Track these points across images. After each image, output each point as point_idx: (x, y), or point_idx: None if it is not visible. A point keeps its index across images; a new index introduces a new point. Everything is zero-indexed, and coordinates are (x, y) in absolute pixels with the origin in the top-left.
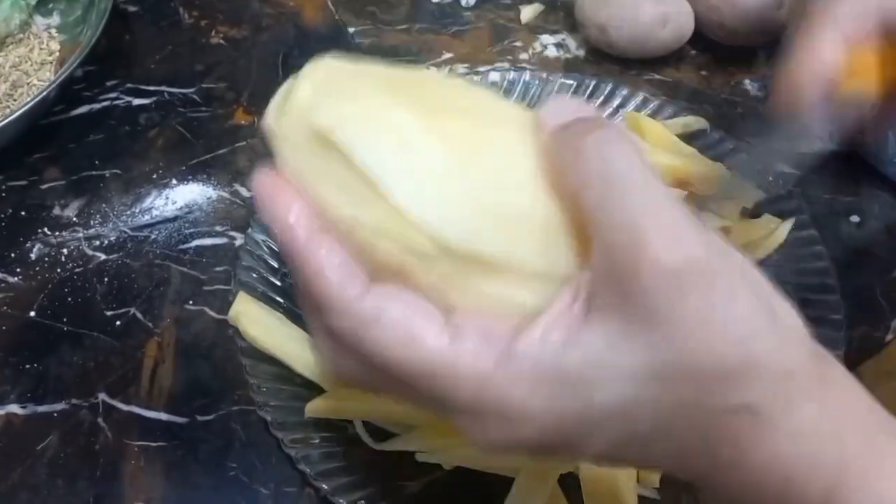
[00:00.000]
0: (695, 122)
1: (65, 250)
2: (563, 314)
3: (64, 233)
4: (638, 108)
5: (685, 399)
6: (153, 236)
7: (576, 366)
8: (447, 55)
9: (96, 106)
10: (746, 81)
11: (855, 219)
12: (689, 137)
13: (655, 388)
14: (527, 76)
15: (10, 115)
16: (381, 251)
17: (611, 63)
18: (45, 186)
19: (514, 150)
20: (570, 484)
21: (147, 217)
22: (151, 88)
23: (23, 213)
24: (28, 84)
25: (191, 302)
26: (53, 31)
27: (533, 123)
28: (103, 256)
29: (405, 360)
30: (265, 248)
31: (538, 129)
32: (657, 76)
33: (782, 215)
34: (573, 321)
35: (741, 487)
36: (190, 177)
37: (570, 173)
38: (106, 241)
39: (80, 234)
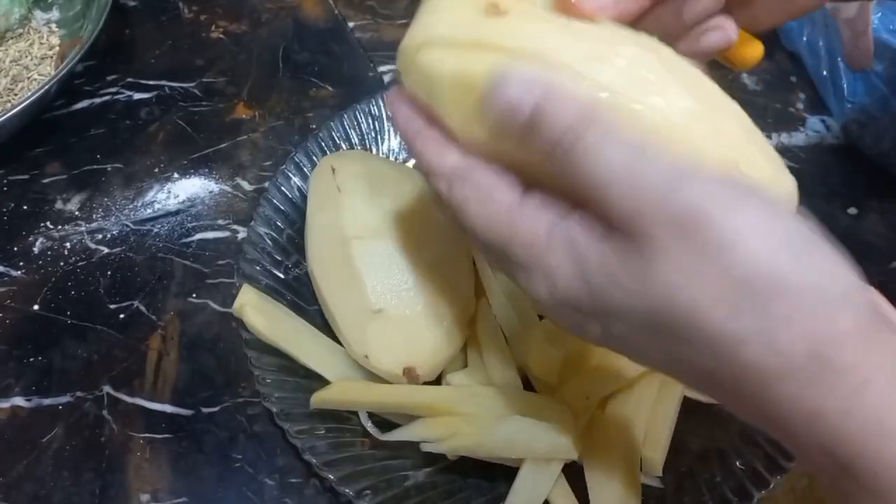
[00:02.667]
0: None
1: (67, 244)
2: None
3: (66, 226)
4: None
5: (698, 318)
6: (156, 230)
7: (595, 262)
8: None
9: (97, 100)
10: (744, 75)
11: (853, 210)
12: None
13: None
14: None
15: (11, 110)
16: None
17: None
18: (46, 180)
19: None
20: (574, 473)
21: (149, 211)
22: (152, 83)
23: (25, 207)
24: (28, 79)
25: (194, 295)
26: (53, 25)
27: None
28: (106, 250)
29: (479, 215)
30: (268, 241)
31: None
32: None
33: None
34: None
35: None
36: (192, 171)
37: None
38: (108, 235)
39: (83, 228)
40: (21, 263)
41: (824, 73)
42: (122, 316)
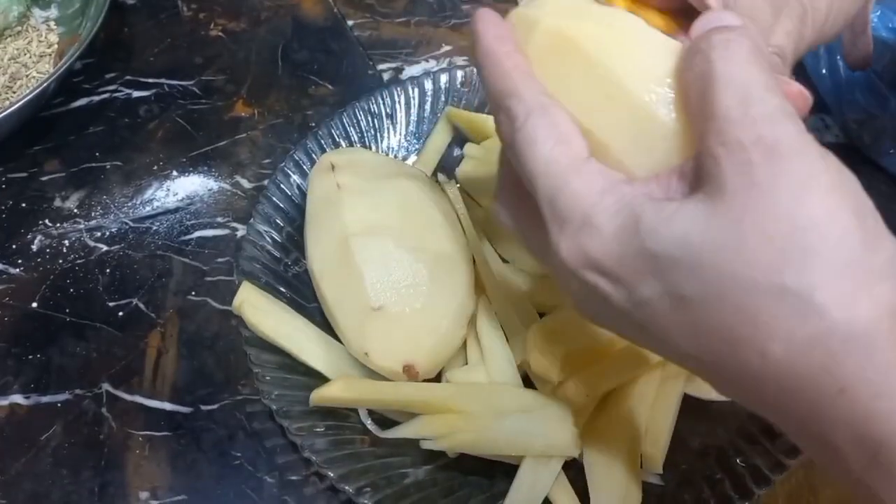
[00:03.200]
0: None
1: (66, 241)
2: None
3: (65, 224)
4: None
5: (732, 268)
6: (154, 227)
7: (649, 215)
8: (446, 48)
9: (96, 98)
10: None
11: None
12: None
13: (705, 254)
14: None
15: (10, 108)
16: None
17: None
18: (45, 178)
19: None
20: (574, 470)
21: (148, 208)
22: (151, 81)
23: (23, 204)
24: (27, 76)
25: (193, 293)
26: (52, 23)
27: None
28: (105, 247)
29: (542, 154)
30: (268, 239)
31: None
32: None
33: None
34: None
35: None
36: (191, 168)
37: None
38: (107, 233)
39: (82, 226)
40: (20, 261)
41: (823, 71)
42: (121, 313)
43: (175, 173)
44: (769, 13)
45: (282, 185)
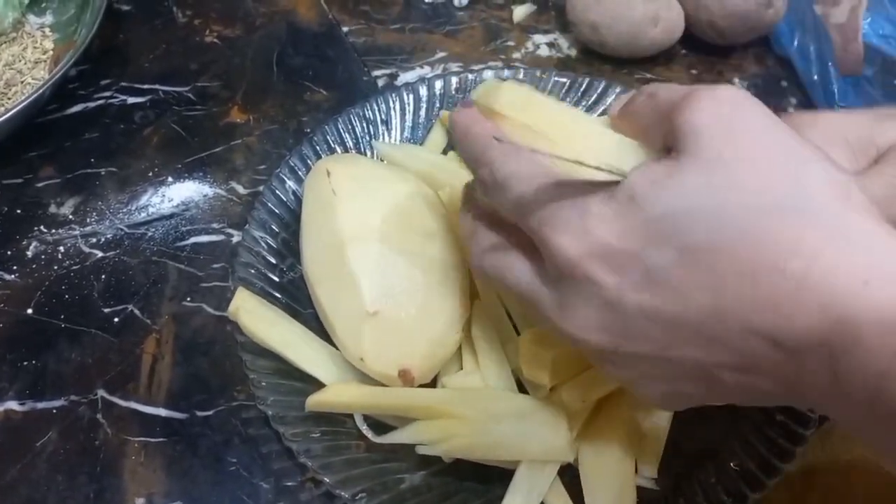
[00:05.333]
0: None
1: (61, 248)
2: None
3: (60, 230)
4: None
5: (731, 203)
6: (150, 233)
7: (644, 181)
8: (441, 54)
9: (91, 104)
10: (736, 80)
11: None
12: None
13: (707, 198)
14: (520, 75)
15: (5, 114)
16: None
17: (602, 62)
18: (40, 184)
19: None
20: (570, 475)
21: (143, 214)
22: (146, 87)
23: (18, 211)
24: (22, 83)
25: (188, 298)
26: (47, 29)
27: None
28: (100, 254)
29: (522, 171)
30: (263, 245)
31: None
32: (648, 75)
33: None
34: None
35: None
36: (186, 174)
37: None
38: (103, 239)
39: (77, 232)
40: (14, 267)
41: (815, 77)
42: (116, 320)
43: (170, 179)
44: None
45: (277, 191)
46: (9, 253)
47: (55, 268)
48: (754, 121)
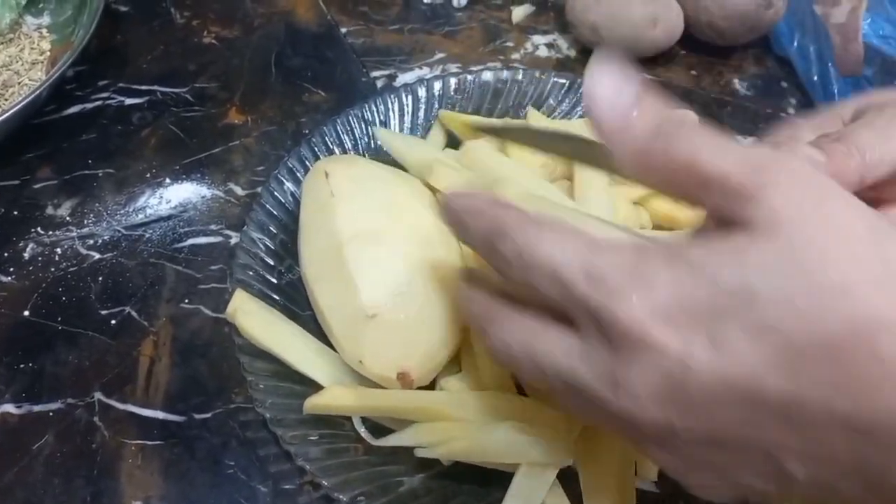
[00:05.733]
0: None
1: (58, 249)
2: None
3: (57, 232)
4: None
5: (815, 281)
6: (147, 235)
7: (703, 256)
8: (439, 55)
9: (88, 105)
10: (736, 81)
11: None
12: None
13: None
14: (519, 75)
15: (2, 115)
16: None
17: None
18: (37, 186)
19: None
20: (569, 478)
21: (141, 216)
22: (144, 88)
23: (15, 212)
24: (19, 84)
25: (186, 300)
26: (44, 30)
27: None
28: (97, 255)
29: (555, 248)
30: (261, 246)
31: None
32: (647, 76)
33: None
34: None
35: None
36: (184, 176)
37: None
38: (100, 240)
39: (74, 234)
40: (11, 269)
41: (815, 78)
42: (113, 322)
43: (168, 181)
44: None
45: (275, 193)
46: (5, 255)
47: (52, 270)
48: (835, 198)
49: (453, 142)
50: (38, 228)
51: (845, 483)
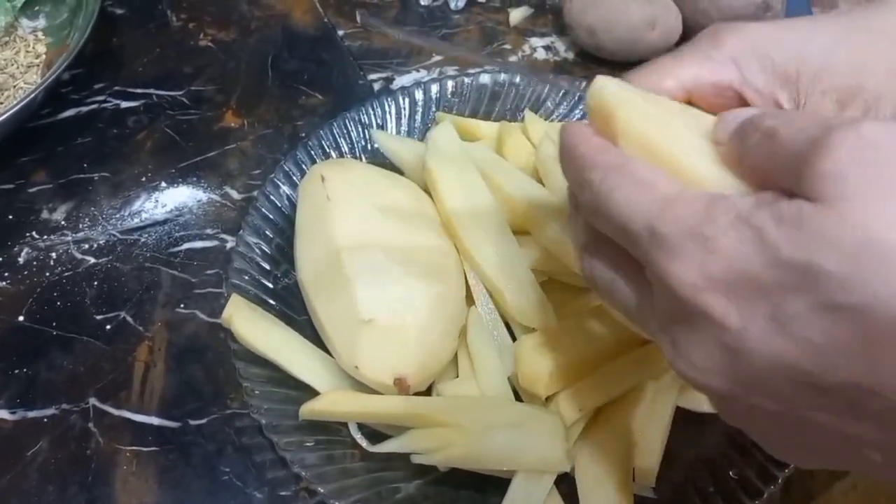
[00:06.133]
0: None
1: (53, 254)
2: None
3: (52, 236)
4: None
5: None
6: (143, 239)
7: (771, 219)
8: (437, 58)
9: (84, 109)
10: None
11: None
12: None
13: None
14: (517, 78)
15: None
16: None
17: (599, 65)
18: (32, 190)
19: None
20: (566, 485)
21: (136, 220)
22: (139, 91)
23: (10, 216)
24: (14, 87)
25: (182, 305)
26: (39, 33)
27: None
28: (92, 260)
29: (627, 199)
30: (257, 251)
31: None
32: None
33: None
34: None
35: None
36: (179, 179)
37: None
38: (95, 245)
39: (69, 238)
40: (6, 274)
41: None
42: (108, 327)
43: (164, 184)
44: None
45: (271, 197)
46: (0, 259)
47: (47, 274)
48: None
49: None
50: (33, 233)
51: None
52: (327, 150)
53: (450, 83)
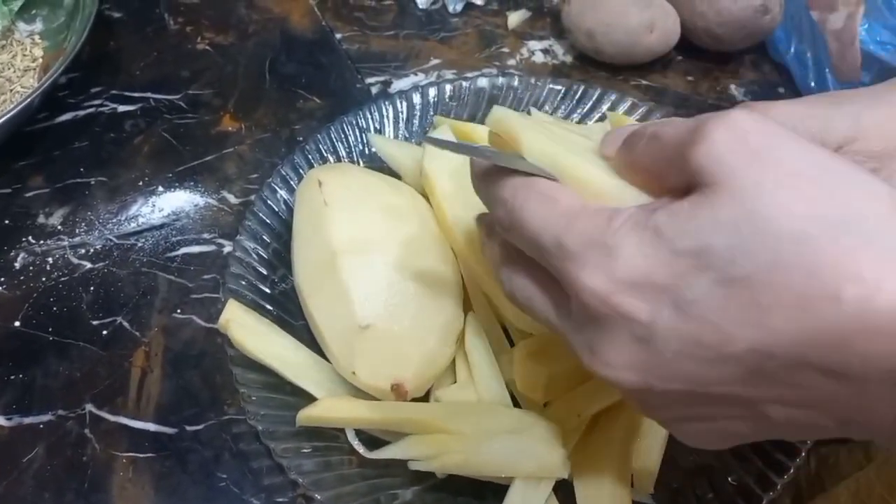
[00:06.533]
0: None
1: (50, 259)
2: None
3: (49, 241)
4: (626, 114)
5: (774, 229)
6: (139, 244)
7: (669, 219)
8: (435, 61)
9: (81, 113)
10: (732, 86)
11: None
12: None
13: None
14: (515, 82)
15: None
16: None
17: (598, 69)
18: (29, 194)
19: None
20: (564, 491)
21: (133, 225)
22: (137, 95)
23: (7, 221)
24: (11, 91)
25: (178, 310)
26: (36, 37)
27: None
28: (89, 265)
29: (536, 213)
30: (254, 256)
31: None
32: (644, 82)
33: None
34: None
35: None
36: (177, 184)
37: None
38: (91, 250)
39: (66, 243)
40: (2, 279)
41: (812, 84)
42: (105, 332)
43: (161, 189)
44: None
45: (268, 201)
46: None
47: (43, 279)
48: (781, 141)
49: None
50: (30, 237)
51: (820, 419)
52: (325, 155)
53: (448, 87)
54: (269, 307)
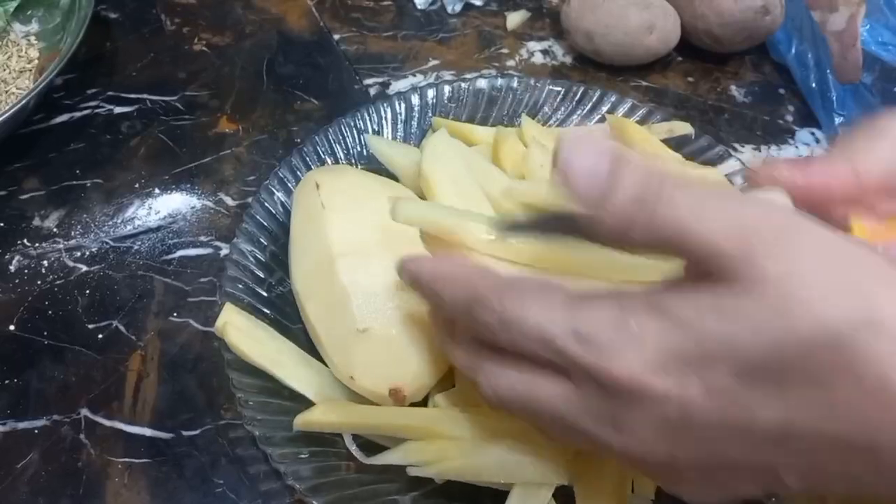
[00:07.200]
0: (679, 126)
1: (45, 262)
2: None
3: (44, 244)
4: (626, 115)
5: (808, 327)
6: (136, 247)
7: (691, 306)
8: (433, 62)
9: (77, 114)
10: (733, 87)
11: None
12: (677, 144)
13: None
14: (514, 83)
15: None
16: None
17: (597, 70)
18: (24, 197)
19: None
20: (564, 497)
21: (129, 227)
22: (133, 96)
23: (1, 224)
24: (6, 92)
25: (175, 314)
26: (32, 38)
27: None
28: (84, 268)
29: (541, 311)
30: (251, 259)
31: None
32: (644, 83)
33: None
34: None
35: None
36: (173, 186)
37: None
38: (87, 253)
39: (61, 245)
40: None
41: (813, 85)
42: (100, 336)
43: (157, 191)
44: None
45: (266, 203)
46: None
47: (38, 283)
48: (803, 231)
49: None
50: (25, 240)
51: (834, 486)
52: (322, 156)
53: (446, 88)
54: (266, 311)
